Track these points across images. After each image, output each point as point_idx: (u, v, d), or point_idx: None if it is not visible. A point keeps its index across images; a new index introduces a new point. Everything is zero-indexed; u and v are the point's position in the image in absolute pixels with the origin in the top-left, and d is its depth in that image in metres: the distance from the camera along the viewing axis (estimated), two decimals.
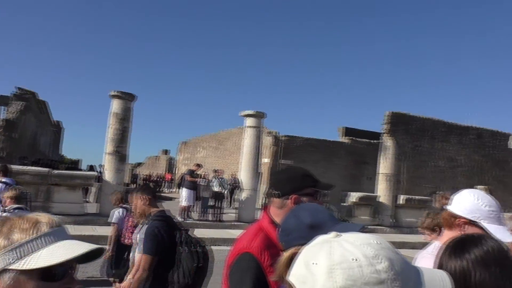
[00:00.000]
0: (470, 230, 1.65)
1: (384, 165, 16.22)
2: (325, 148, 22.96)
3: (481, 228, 1.63)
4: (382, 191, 15.84)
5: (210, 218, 13.13)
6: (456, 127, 25.94)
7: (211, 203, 13.37)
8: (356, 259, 0.68)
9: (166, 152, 43.05)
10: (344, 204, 15.02)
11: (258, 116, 14.15)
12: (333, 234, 0.76)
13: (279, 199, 1.69)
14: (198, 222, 12.46)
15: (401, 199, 15.80)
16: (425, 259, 1.57)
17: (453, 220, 1.73)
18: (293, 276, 0.75)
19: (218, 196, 13.46)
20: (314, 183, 1.74)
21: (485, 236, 1.19)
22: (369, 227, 14.29)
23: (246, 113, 14.17)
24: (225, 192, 16.54)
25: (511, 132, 20.89)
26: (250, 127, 14.14)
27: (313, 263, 0.71)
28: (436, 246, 1.69)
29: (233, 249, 1.66)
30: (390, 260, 0.69)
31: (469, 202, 1.71)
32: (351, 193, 15.33)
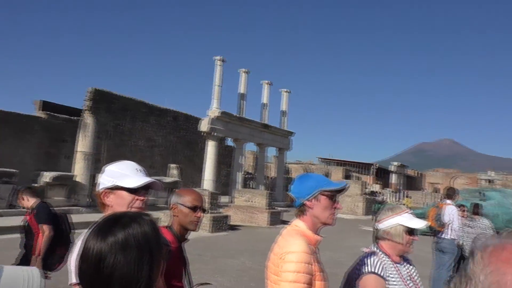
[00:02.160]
0: (114, 197, 1.67)
1: (83, 143, 15.69)
2: (17, 123, 20.41)
3: (126, 189, 1.66)
4: (79, 170, 15.30)
5: None
6: (156, 109, 27.56)
7: None
8: None
9: None
10: (36, 185, 13.75)
11: None
12: None
13: None
14: None
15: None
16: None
17: (100, 198, 1.73)
18: None
19: None
20: None
21: (139, 217, 1.13)
22: (64, 208, 13.57)
23: None
24: None
25: (201, 117, 23.68)
26: None
27: None
28: None
29: None
30: None
31: (102, 175, 1.74)
32: (44, 172, 14.18)
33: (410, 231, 2.23)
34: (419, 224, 2.27)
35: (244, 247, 11.32)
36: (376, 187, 53.73)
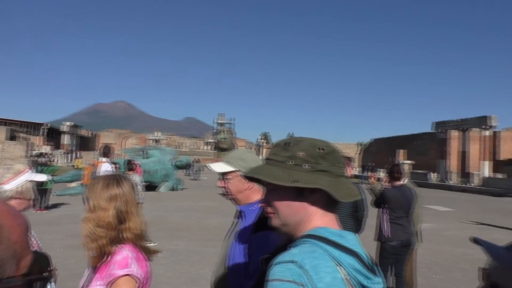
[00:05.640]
0: None
1: None
2: None
3: None
4: None
5: None
6: None
7: None
8: None
9: None
10: None
11: None
12: None
13: None
14: None
15: None
16: None
17: None
18: None
19: None
20: None
21: None
22: None
23: None
24: None
25: None
26: None
27: None
28: None
29: None
30: None
31: None
32: None
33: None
34: (43, 177, 2.50)
35: None
36: (47, 149, 50.97)
